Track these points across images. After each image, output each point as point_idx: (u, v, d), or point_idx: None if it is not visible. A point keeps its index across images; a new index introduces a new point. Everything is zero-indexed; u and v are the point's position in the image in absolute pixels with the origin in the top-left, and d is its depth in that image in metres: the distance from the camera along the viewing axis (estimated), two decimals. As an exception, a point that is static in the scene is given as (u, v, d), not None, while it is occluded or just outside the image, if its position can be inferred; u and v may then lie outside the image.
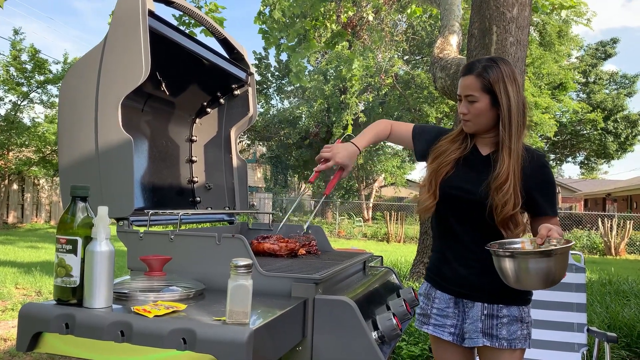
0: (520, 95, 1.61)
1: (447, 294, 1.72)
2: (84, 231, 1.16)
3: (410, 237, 16.09)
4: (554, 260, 1.37)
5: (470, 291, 1.67)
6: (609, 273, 7.67)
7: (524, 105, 1.62)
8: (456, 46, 6.98)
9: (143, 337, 1.05)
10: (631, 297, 5.09)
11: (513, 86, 1.58)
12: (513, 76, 1.60)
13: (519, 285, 1.43)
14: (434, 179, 1.69)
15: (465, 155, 1.70)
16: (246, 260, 1.08)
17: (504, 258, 1.42)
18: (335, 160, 1.72)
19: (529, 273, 1.39)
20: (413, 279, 5.07)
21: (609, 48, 29.18)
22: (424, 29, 19.79)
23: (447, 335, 1.71)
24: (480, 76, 1.59)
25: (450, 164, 1.69)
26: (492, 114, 1.60)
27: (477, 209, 1.60)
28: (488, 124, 1.63)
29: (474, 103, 1.60)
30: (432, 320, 1.74)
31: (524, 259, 1.40)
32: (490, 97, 1.59)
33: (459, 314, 1.70)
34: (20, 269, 7.01)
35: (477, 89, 1.59)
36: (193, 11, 1.90)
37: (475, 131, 1.67)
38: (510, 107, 1.57)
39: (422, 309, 1.78)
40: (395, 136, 1.87)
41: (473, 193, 1.61)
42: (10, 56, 14.68)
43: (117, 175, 1.52)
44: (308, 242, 1.96)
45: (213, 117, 2.32)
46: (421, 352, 3.27)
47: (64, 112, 1.62)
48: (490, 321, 1.63)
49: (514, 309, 1.63)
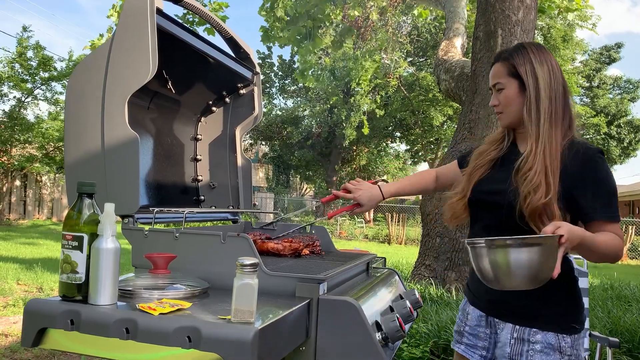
0: (556, 78, 1.43)
1: (478, 310, 1.56)
2: (90, 228, 1.16)
3: (412, 239, 16.09)
4: (537, 252, 1.18)
5: (500, 309, 1.47)
6: (610, 278, 7.65)
7: (563, 90, 1.44)
8: (460, 49, 6.98)
9: (148, 335, 1.05)
10: (633, 302, 5.08)
11: (543, 68, 1.43)
12: (544, 58, 1.44)
13: (498, 283, 1.24)
14: (467, 181, 1.55)
15: (503, 154, 1.54)
16: (252, 259, 1.08)
17: (482, 249, 1.24)
18: (354, 196, 1.72)
19: (509, 267, 1.20)
20: (414, 281, 5.06)
21: (613, 53, 29.13)
22: (428, 31, 19.80)
23: (478, 358, 1.55)
24: (505, 60, 1.48)
25: (485, 165, 1.54)
26: (523, 100, 1.45)
27: (506, 212, 1.41)
28: (521, 113, 1.46)
29: (502, 91, 1.48)
30: (464, 339, 1.59)
31: (505, 249, 1.20)
32: (517, 82, 1.45)
33: (491, 336, 1.52)
34: (21, 265, 7.03)
35: (504, 75, 1.48)
36: (200, 10, 1.90)
37: (509, 124, 1.51)
38: (538, 89, 1.41)
39: (458, 325, 1.64)
40: (443, 178, 1.78)
41: (501, 193, 1.42)
42: (16, 53, 14.72)
43: (122, 173, 1.52)
44: (312, 242, 1.96)
45: (218, 116, 2.32)
46: (422, 354, 3.26)
47: (71, 108, 1.62)
48: (520, 346, 1.40)
49: (551, 335, 1.38)
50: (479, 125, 4.92)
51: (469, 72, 5.54)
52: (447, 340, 3.28)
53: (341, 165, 24.42)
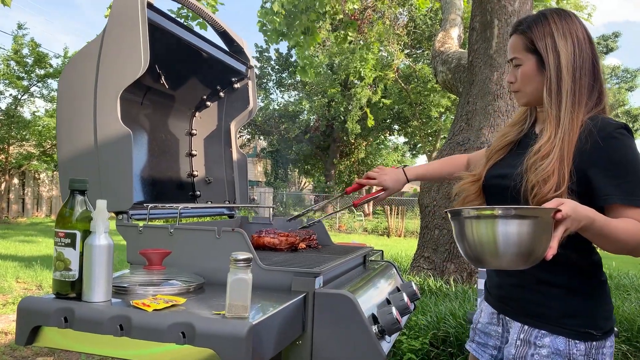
0: (582, 52, 1.27)
1: (490, 307, 1.46)
2: (82, 225, 1.15)
3: (411, 232, 16.10)
4: (529, 226, 1.04)
5: (510, 306, 1.36)
6: (609, 267, 7.67)
7: (592, 65, 1.28)
8: (457, 40, 6.95)
9: (142, 331, 1.04)
10: (632, 291, 5.09)
11: (567, 41, 1.26)
12: (568, 29, 1.28)
13: (482, 260, 1.09)
14: (483, 166, 1.43)
15: (521, 137, 1.41)
16: (246, 254, 1.07)
17: (466, 220, 1.09)
18: (379, 181, 1.68)
19: (495, 241, 1.05)
20: (413, 273, 5.07)
21: (610, 42, 29.06)
22: (425, 22, 19.72)
23: (488, 357, 1.45)
24: (523, 33, 1.32)
25: (502, 148, 1.41)
26: (542, 78, 1.30)
27: (514, 198, 1.26)
28: (541, 92, 1.31)
29: (519, 67, 1.33)
30: (476, 337, 1.50)
31: (488, 221, 1.06)
32: (536, 58, 1.30)
33: (502, 334, 1.42)
34: (20, 263, 7.02)
35: (521, 50, 1.32)
36: (192, 4, 1.88)
37: (528, 102, 1.37)
38: (559, 67, 1.26)
39: (474, 322, 1.55)
40: (474, 165, 1.62)
41: (508, 177, 1.29)
42: (11, 50, 14.65)
43: (116, 169, 1.51)
44: (308, 236, 1.96)
45: (213, 111, 2.31)
46: (421, 346, 3.27)
47: (63, 105, 1.61)
48: (525, 349, 1.27)
49: (561, 340, 1.23)
50: (476, 116, 4.91)
51: (465, 63, 5.52)
52: (447, 331, 3.28)
53: (340, 158, 24.40)
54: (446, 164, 1.72)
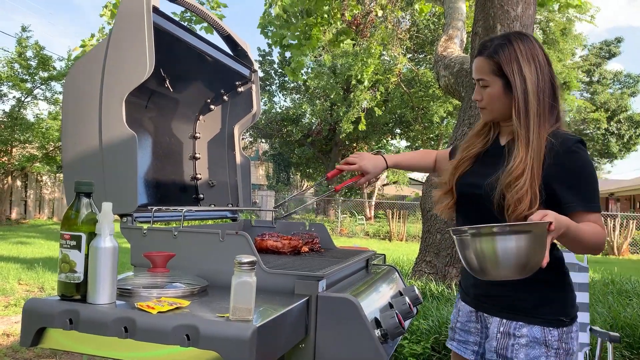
0: (543, 75, 1.38)
1: (468, 306, 1.57)
2: (88, 227, 1.16)
3: (413, 236, 16.08)
4: (526, 240, 1.14)
5: (487, 303, 1.48)
6: (611, 273, 7.65)
7: (551, 86, 1.39)
8: (460, 44, 6.96)
9: (147, 334, 1.05)
10: (634, 297, 5.08)
11: (531, 66, 1.37)
12: (532, 53, 1.38)
13: (485, 273, 1.20)
14: (452, 176, 1.55)
15: (487, 148, 1.54)
16: (250, 257, 1.08)
17: (468, 238, 1.20)
18: (359, 165, 1.72)
19: (496, 256, 1.16)
20: (415, 278, 5.07)
21: (613, 47, 29.07)
22: (427, 27, 19.75)
23: (470, 353, 1.55)
24: (490, 57, 1.41)
25: (470, 159, 1.54)
26: (508, 99, 1.41)
27: (485, 206, 1.40)
28: (506, 110, 1.43)
29: (487, 88, 1.44)
30: (456, 336, 1.61)
31: (488, 238, 1.17)
32: (502, 81, 1.40)
33: (481, 330, 1.53)
34: (23, 265, 7.04)
35: (488, 72, 1.42)
36: (197, 8, 1.89)
37: (493, 119, 1.50)
38: (526, 91, 1.36)
39: (452, 321, 1.66)
40: (440, 163, 1.77)
41: (478, 187, 1.42)
42: (15, 52, 14.71)
43: (120, 172, 1.52)
44: (311, 239, 1.96)
45: (216, 114, 2.32)
46: (423, 350, 3.27)
47: (68, 108, 1.62)
48: (505, 340, 1.40)
49: (537, 329, 1.37)
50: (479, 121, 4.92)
51: (468, 68, 5.53)
52: (448, 336, 3.28)
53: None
54: (420, 157, 1.82)
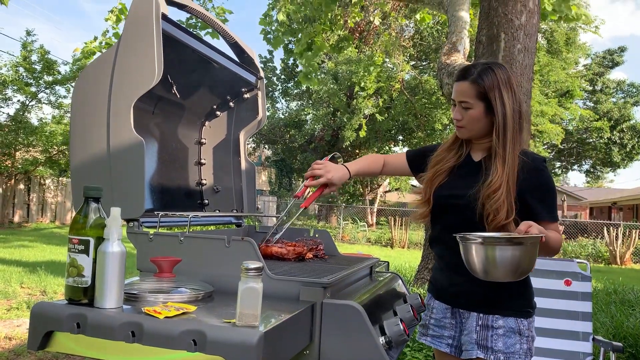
0: (516, 100, 1.58)
1: (443, 304, 1.71)
2: (96, 232, 1.17)
3: (415, 243, 16.06)
4: (523, 250, 1.35)
5: (464, 300, 1.64)
6: (614, 282, 7.62)
7: (520, 110, 1.58)
8: (463, 52, 6.98)
9: (153, 338, 1.06)
10: (636, 306, 5.06)
11: (509, 92, 1.56)
12: (509, 82, 1.57)
13: (486, 275, 1.39)
14: (429, 187, 1.69)
15: (460, 163, 1.69)
16: (257, 263, 1.09)
17: (472, 245, 1.38)
18: (327, 177, 1.72)
19: (496, 262, 1.36)
20: (417, 285, 5.06)
21: (616, 56, 29.10)
22: (431, 34, 19.81)
23: (445, 346, 1.70)
24: (475, 82, 1.56)
25: (445, 172, 1.68)
26: (487, 120, 1.58)
27: (467, 214, 1.57)
28: (483, 130, 1.61)
29: (468, 110, 1.59)
30: (430, 331, 1.74)
31: (493, 247, 1.36)
32: (484, 104, 1.57)
33: (456, 325, 1.68)
34: (25, 268, 7.05)
35: (472, 96, 1.57)
36: (205, 15, 1.91)
37: (470, 137, 1.66)
38: (505, 115, 1.54)
39: (423, 319, 1.78)
40: (389, 167, 1.89)
41: (462, 197, 1.58)
42: (20, 56, 14.79)
43: (128, 177, 1.53)
44: (315, 246, 1.97)
45: (222, 120, 2.33)
46: (425, 358, 3.26)
47: (77, 113, 1.64)
48: (485, 332, 1.57)
49: (511, 320, 1.56)
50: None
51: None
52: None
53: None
54: (372, 163, 1.89)
